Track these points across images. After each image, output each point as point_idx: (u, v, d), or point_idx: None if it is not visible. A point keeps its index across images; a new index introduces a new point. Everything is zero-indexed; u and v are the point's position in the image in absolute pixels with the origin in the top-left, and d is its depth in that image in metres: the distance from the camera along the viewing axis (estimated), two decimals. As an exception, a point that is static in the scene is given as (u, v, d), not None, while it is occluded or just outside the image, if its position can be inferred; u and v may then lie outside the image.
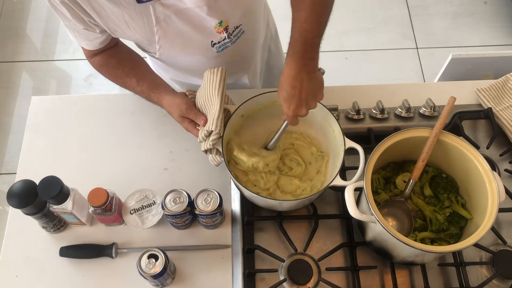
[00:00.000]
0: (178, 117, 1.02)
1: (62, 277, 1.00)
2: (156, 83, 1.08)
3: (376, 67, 2.51)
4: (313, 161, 1.07)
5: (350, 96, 1.20)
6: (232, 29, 1.05)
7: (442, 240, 0.97)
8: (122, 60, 1.10)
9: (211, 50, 1.07)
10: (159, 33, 0.98)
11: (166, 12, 0.93)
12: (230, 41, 1.08)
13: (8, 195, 0.91)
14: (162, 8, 0.92)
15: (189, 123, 1.01)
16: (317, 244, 1.04)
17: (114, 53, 1.10)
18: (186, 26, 0.98)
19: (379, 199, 1.00)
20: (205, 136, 0.96)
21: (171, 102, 1.03)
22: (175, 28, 0.98)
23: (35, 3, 2.74)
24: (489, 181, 0.89)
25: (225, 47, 1.08)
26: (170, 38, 1.00)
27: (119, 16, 0.91)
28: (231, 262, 1.01)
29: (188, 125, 1.01)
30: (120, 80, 1.11)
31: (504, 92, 1.22)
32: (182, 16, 0.96)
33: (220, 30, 1.02)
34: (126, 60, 1.11)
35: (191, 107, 1.00)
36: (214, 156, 1.03)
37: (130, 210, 1.02)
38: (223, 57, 1.11)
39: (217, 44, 1.06)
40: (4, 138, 2.32)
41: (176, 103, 1.02)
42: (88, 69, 2.52)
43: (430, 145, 0.92)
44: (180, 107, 1.00)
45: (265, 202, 0.99)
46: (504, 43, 2.63)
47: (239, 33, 1.09)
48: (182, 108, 1.00)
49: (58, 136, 1.17)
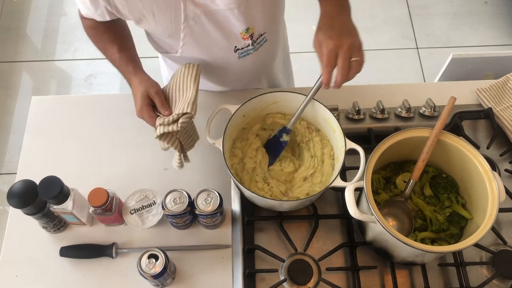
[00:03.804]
0: (141, 95, 0.97)
1: (62, 277, 1.00)
2: (137, 60, 1.07)
3: (376, 67, 2.51)
4: (326, 160, 1.06)
5: (350, 96, 1.20)
6: (256, 36, 1.07)
7: (442, 240, 0.97)
8: (113, 29, 1.09)
9: (233, 55, 1.08)
10: (185, 30, 0.98)
11: (196, 11, 0.94)
12: (253, 49, 1.09)
13: (8, 195, 0.91)
14: (193, 7, 0.93)
15: (147, 106, 0.97)
16: (317, 244, 1.04)
17: (109, 22, 1.06)
18: (213, 28, 0.99)
19: (379, 199, 1.00)
20: (171, 121, 0.93)
21: (143, 80, 1.00)
22: (202, 29, 0.99)
23: (35, 3, 2.74)
24: (489, 181, 0.89)
25: (247, 54, 1.09)
26: (195, 38, 1.01)
27: (147, 5, 0.91)
28: (231, 262, 1.01)
29: (145, 108, 0.96)
30: (103, 44, 1.09)
31: (504, 92, 1.22)
32: (211, 17, 0.97)
33: (246, 36, 1.04)
34: (117, 30, 1.09)
35: (160, 93, 0.98)
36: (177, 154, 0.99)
37: (130, 210, 1.02)
38: (243, 63, 1.12)
39: (240, 50, 1.07)
40: (4, 138, 2.32)
41: (148, 83, 0.99)
42: (88, 69, 2.52)
43: (430, 145, 0.92)
44: (149, 88, 0.97)
45: (265, 202, 0.99)
46: (504, 43, 2.63)
47: (262, 41, 1.10)
48: (150, 90, 0.97)
49: (58, 136, 1.17)
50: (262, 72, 1.25)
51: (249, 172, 1.04)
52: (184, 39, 1.00)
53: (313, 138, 1.07)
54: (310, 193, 1.01)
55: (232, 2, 0.92)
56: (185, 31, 0.98)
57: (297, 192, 1.02)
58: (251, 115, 1.07)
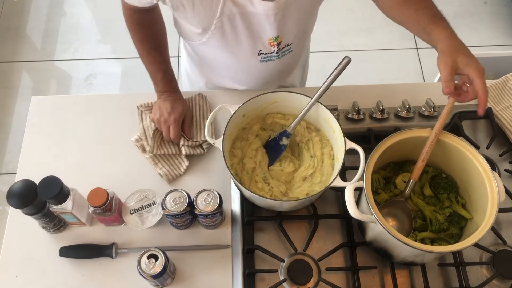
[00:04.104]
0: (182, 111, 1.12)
1: (62, 277, 1.00)
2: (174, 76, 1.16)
3: (376, 67, 2.51)
4: (325, 160, 1.06)
5: (350, 96, 1.20)
6: (283, 45, 1.08)
7: (442, 240, 0.96)
8: (156, 25, 1.12)
9: (256, 58, 1.10)
10: (217, 25, 0.99)
11: (233, 10, 0.95)
12: (277, 56, 1.10)
13: (8, 195, 0.91)
14: (231, 5, 0.94)
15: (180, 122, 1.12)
16: (317, 244, 1.04)
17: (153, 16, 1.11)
18: (244, 29, 1.00)
19: (379, 199, 1.00)
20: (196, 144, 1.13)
21: (181, 100, 1.15)
22: (233, 27, 1.00)
23: (35, 3, 2.74)
24: (489, 181, 0.89)
25: (270, 60, 1.11)
26: (223, 34, 1.01)
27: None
28: (231, 262, 1.01)
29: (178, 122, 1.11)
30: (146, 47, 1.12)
31: (504, 92, 1.22)
32: (245, 18, 0.98)
33: (273, 43, 1.05)
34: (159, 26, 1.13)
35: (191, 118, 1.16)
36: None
37: (130, 210, 1.02)
38: (264, 66, 1.13)
39: (263, 55, 1.09)
40: (4, 138, 2.32)
41: (186, 105, 1.15)
42: (88, 69, 2.52)
43: (430, 145, 0.92)
44: (186, 110, 1.14)
45: (265, 202, 0.99)
46: (504, 43, 2.63)
47: (287, 51, 1.12)
48: (188, 112, 1.15)
49: (58, 136, 1.17)
50: (280, 78, 1.26)
51: (249, 172, 1.04)
52: (212, 31, 1.01)
53: (312, 138, 1.07)
54: (309, 193, 1.01)
55: (271, 8, 0.94)
56: (216, 25, 0.99)
57: (297, 192, 1.02)
58: (251, 115, 1.07)
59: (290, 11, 0.99)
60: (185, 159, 1.12)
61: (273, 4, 0.94)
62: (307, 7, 1.04)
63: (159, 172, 1.10)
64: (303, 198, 0.99)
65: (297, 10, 1.01)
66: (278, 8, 0.95)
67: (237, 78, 1.23)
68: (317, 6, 1.08)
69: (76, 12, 2.73)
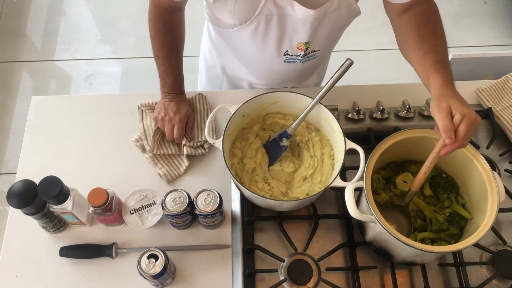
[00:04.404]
0: (187, 112, 1.13)
1: (62, 277, 1.00)
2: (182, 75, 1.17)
3: (376, 67, 2.51)
4: (325, 160, 1.06)
5: (350, 96, 1.20)
6: (310, 50, 1.09)
7: (442, 240, 0.96)
8: (179, 29, 1.12)
9: (280, 57, 1.10)
10: (253, 21, 0.99)
11: (272, 11, 0.96)
12: (302, 60, 1.11)
13: (8, 195, 0.91)
14: (272, 6, 0.95)
15: (184, 122, 1.13)
16: (317, 244, 1.04)
17: (180, 18, 1.11)
18: (277, 30, 1.01)
19: (379, 199, 1.00)
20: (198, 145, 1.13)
21: (187, 102, 1.17)
22: (268, 26, 1.00)
23: (35, 3, 2.74)
24: (489, 181, 0.89)
25: (293, 62, 1.12)
26: (256, 30, 1.02)
27: None
28: (231, 262, 1.01)
29: (183, 123, 1.12)
30: (164, 40, 1.10)
31: (504, 92, 1.22)
32: (282, 20, 0.99)
33: (302, 48, 1.06)
34: (181, 30, 1.13)
35: (193, 120, 1.17)
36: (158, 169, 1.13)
37: (130, 210, 1.02)
38: (286, 66, 1.14)
39: (288, 56, 1.10)
40: (4, 138, 2.32)
41: (190, 107, 1.17)
42: (88, 69, 2.52)
43: (432, 159, 0.89)
44: (191, 112, 1.16)
45: (265, 202, 0.99)
46: (504, 43, 2.63)
47: (312, 57, 1.13)
48: (191, 114, 1.16)
49: (58, 136, 1.17)
50: (297, 80, 1.27)
51: (249, 172, 1.04)
52: (246, 25, 1.01)
53: (312, 138, 1.07)
54: (309, 193, 1.01)
55: (310, 15, 0.95)
56: (252, 21, 0.99)
57: (297, 192, 1.02)
58: (251, 115, 1.07)
59: (325, 21, 1.00)
60: (185, 159, 1.12)
61: (314, 12, 0.95)
62: (342, 19, 1.05)
63: (158, 172, 1.10)
64: (303, 198, 0.99)
65: (333, 20, 1.02)
66: (317, 17, 0.96)
67: (256, 72, 1.23)
68: (351, 19, 1.09)
69: (76, 12, 2.73)
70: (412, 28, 0.98)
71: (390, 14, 1.05)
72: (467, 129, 0.81)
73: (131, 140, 1.15)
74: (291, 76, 1.21)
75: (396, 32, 1.04)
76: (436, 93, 0.86)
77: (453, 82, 0.89)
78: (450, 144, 0.82)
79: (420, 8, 0.99)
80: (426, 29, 0.97)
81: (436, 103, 0.84)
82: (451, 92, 0.86)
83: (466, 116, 0.81)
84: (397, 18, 1.03)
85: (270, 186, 1.03)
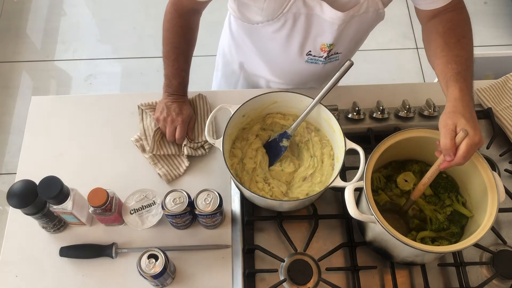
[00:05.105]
0: (189, 114, 1.14)
1: (62, 277, 1.00)
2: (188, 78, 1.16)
3: (376, 67, 2.51)
4: (325, 160, 1.06)
5: (350, 96, 1.20)
6: (333, 53, 1.09)
7: (443, 239, 0.96)
8: (193, 33, 1.12)
9: (302, 57, 1.10)
10: (280, 19, 0.99)
11: (301, 10, 0.96)
12: (323, 62, 1.11)
13: (8, 195, 0.91)
14: (301, 5, 0.95)
15: (187, 123, 1.13)
16: (317, 244, 1.04)
17: (196, 22, 1.11)
18: (303, 29, 1.01)
19: (379, 199, 1.00)
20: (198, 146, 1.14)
21: (189, 104, 1.16)
22: (294, 25, 1.00)
23: (35, 3, 2.74)
24: (489, 181, 0.89)
25: (315, 63, 1.12)
26: (282, 28, 1.02)
27: None
28: (231, 262, 1.01)
29: (186, 123, 1.12)
30: (177, 43, 1.09)
31: (504, 92, 1.22)
32: (309, 20, 0.99)
33: (325, 49, 1.07)
34: (195, 35, 1.13)
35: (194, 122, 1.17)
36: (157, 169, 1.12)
37: (130, 210, 1.02)
38: (306, 66, 1.14)
39: (311, 56, 1.10)
40: (4, 138, 2.32)
41: (192, 109, 1.16)
42: (88, 69, 2.52)
43: (433, 172, 0.90)
44: (192, 114, 1.16)
45: (265, 202, 0.99)
46: (504, 43, 2.63)
47: (334, 59, 1.13)
48: (193, 115, 1.16)
49: (58, 136, 1.17)
50: (315, 81, 1.26)
51: (249, 172, 1.04)
52: (272, 22, 1.01)
53: (312, 138, 1.07)
54: (309, 193, 1.01)
55: (339, 17, 0.95)
56: (279, 19, 0.99)
57: (297, 192, 1.02)
58: (251, 115, 1.07)
59: (352, 24, 1.01)
60: (185, 159, 1.12)
61: (342, 14, 0.95)
62: (368, 23, 1.05)
63: (158, 172, 1.10)
64: (303, 198, 0.99)
65: (359, 24, 1.02)
66: (345, 19, 0.97)
67: (275, 70, 1.23)
68: (376, 24, 1.09)
69: (76, 12, 2.73)
70: (439, 35, 0.97)
71: (420, 19, 1.05)
72: (467, 150, 0.81)
73: (131, 140, 1.15)
74: (310, 77, 1.21)
75: (423, 37, 1.04)
76: (449, 106, 0.86)
77: (471, 93, 0.89)
78: (449, 162, 0.84)
79: (450, 15, 0.99)
80: (452, 37, 0.96)
81: (444, 119, 0.85)
82: (464, 108, 0.85)
83: (470, 137, 0.82)
84: (426, 24, 1.03)
85: (270, 186, 1.03)
